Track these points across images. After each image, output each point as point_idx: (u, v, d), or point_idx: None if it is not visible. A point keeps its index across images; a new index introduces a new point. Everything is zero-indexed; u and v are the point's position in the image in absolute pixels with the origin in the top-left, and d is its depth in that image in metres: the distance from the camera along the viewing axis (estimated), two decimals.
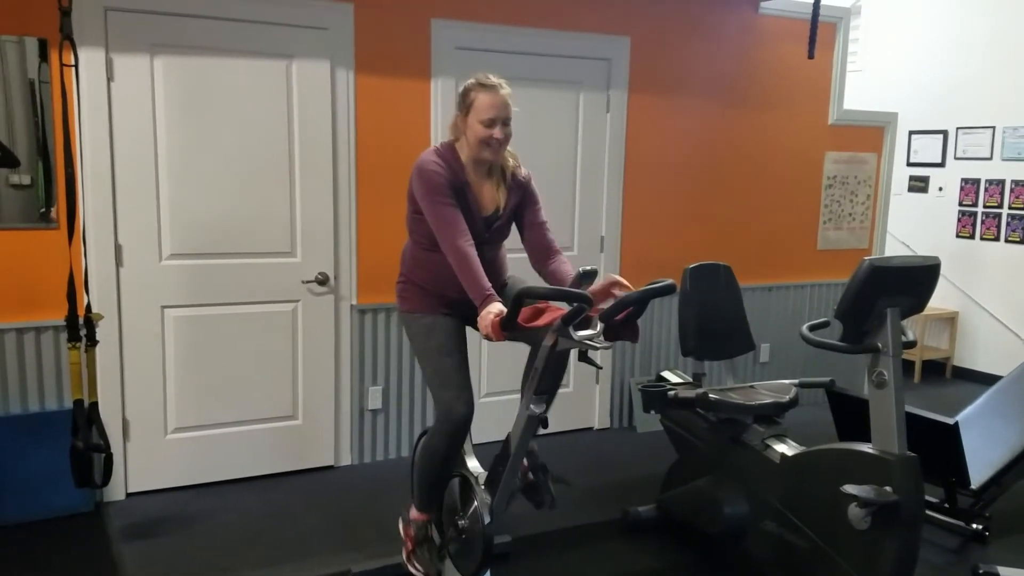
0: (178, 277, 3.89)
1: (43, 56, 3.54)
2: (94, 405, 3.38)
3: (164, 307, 3.88)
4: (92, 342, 3.36)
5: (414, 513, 3.14)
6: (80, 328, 3.32)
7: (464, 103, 2.88)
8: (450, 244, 2.78)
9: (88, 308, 3.40)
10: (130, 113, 3.71)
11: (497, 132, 2.83)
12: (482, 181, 2.96)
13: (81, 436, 3.32)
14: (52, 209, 3.62)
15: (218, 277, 3.97)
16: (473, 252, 2.75)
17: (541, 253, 3.02)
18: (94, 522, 3.65)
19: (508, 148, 2.95)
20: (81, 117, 3.41)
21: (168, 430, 3.97)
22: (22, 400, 3.65)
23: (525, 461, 3.09)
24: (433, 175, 2.84)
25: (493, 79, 2.87)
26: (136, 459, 3.90)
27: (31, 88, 3.55)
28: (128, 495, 3.89)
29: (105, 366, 3.70)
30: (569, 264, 2.97)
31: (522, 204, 3.03)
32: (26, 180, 3.59)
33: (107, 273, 3.72)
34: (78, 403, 3.33)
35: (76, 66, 3.24)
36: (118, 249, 3.76)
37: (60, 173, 3.47)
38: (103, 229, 3.70)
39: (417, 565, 3.17)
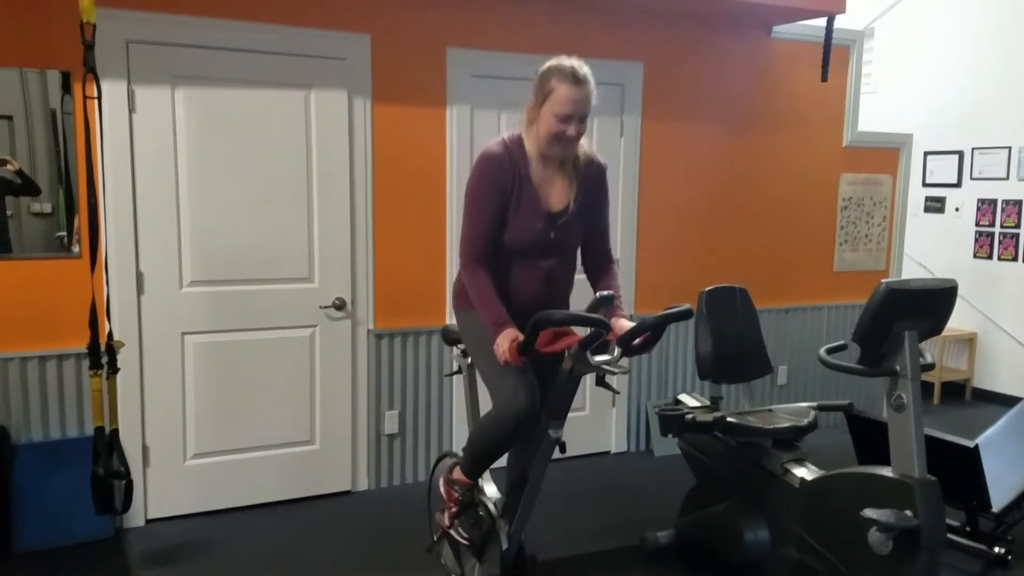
0: (198, 304, 3.93)
1: (66, 88, 3.61)
2: (115, 432, 3.40)
3: (184, 334, 3.92)
4: (113, 369, 3.39)
5: (458, 474, 2.93)
6: (102, 356, 3.36)
7: (542, 91, 2.59)
8: (468, 257, 2.67)
9: (110, 336, 3.43)
10: (151, 144, 3.77)
11: (571, 129, 2.59)
12: (552, 175, 2.72)
13: (102, 463, 3.34)
14: (73, 237, 3.68)
15: (237, 303, 4.01)
16: (487, 276, 2.66)
17: (597, 260, 2.88)
18: (114, 549, 3.67)
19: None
20: (104, 148, 3.47)
21: (187, 456, 3.99)
22: (43, 427, 3.69)
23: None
24: (490, 168, 2.63)
25: (582, 70, 2.59)
26: (156, 485, 3.93)
27: (53, 118, 3.62)
28: (148, 521, 3.91)
29: (126, 393, 3.74)
30: (617, 278, 2.85)
31: (592, 200, 2.80)
32: (47, 208, 3.66)
33: (128, 301, 3.77)
34: (99, 430, 3.35)
35: (99, 98, 3.29)
36: (139, 277, 3.80)
37: (83, 203, 3.53)
38: (125, 257, 3.75)
39: (462, 532, 2.94)
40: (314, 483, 4.26)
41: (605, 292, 2.62)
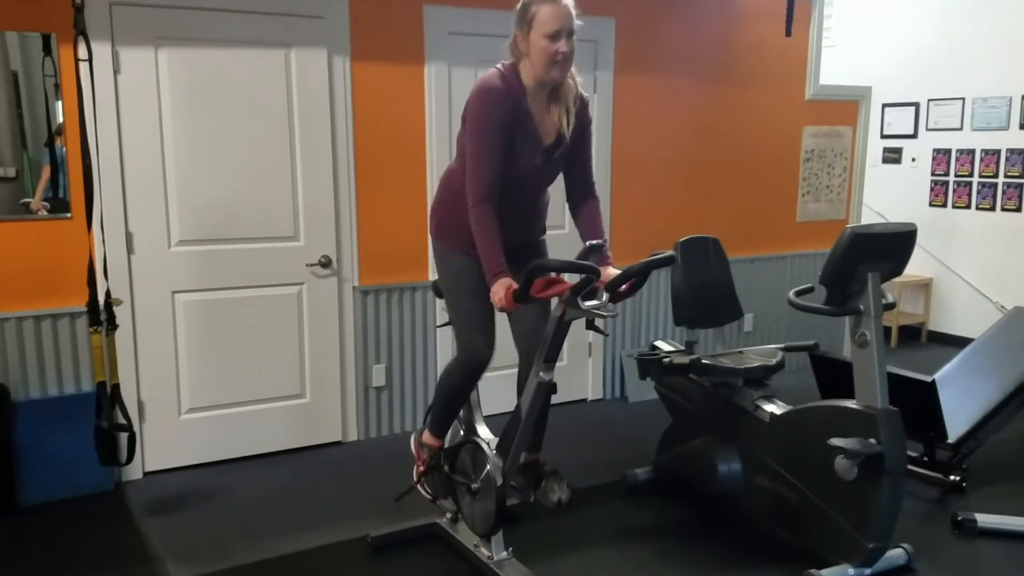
0: (187, 263, 4.01)
1: (47, 51, 3.62)
2: (116, 386, 3.50)
3: (175, 292, 4.01)
4: (112, 326, 3.48)
5: (427, 437, 3.26)
6: (100, 312, 3.44)
7: (524, 19, 2.71)
8: (476, 195, 2.71)
9: (107, 293, 3.52)
10: (136, 105, 3.82)
11: (563, 45, 2.68)
12: (545, 106, 2.81)
13: (105, 416, 3.45)
14: (32, 202, 3.69)
15: (225, 262, 4.10)
16: (495, 220, 2.72)
17: (581, 191, 2.97)
18: (116, 500, 3.79)
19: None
20: (95, 110, 3.50)
21: (182, 411, 4.11)
22: (41, 385, 3.77)
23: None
24: (494, 102, 2.69)
25: None
26: (152, 439, 4.04)
27: (15, 81, 3.61)
28: (146, 474, 4.03)
29: (120, 350, 3.80)
30: (602, 218, 2.98)
31: (579, 132, 2.91)
32: (11, 173, 3.67)
33: (119, 260, 3.83)
34: (101, 385, 3.45)
35: (90, 60, 3.34)
36: (129, 237, 3.87)
37: (74, 165, 3.58)
38: (114, 217, 3.81)
39: (427, 487, 3.29)
40: (306, 435, 4.40)
41: (595, 241, 2.77)
